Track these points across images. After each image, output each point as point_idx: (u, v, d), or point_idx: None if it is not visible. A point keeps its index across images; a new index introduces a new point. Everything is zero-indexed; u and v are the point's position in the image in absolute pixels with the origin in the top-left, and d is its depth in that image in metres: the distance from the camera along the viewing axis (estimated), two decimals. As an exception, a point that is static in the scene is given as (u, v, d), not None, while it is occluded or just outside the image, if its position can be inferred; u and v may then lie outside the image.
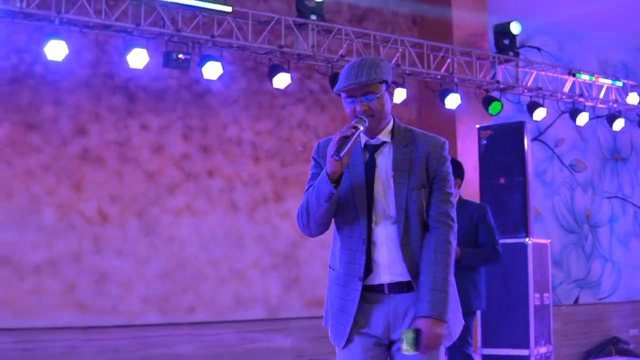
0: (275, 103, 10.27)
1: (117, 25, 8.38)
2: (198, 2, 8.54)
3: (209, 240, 9.74)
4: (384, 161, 3.52)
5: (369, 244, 3.48)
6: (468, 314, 5.66)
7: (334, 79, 9.40)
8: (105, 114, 9.31)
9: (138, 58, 8.35)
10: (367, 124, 3.42)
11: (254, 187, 10.04)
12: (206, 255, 9.70)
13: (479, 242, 5.93)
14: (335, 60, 9.61)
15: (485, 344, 8.65)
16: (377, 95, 3.46)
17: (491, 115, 10.89)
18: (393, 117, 3.60)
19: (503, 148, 8.98)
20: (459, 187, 5.98)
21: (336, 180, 3.38)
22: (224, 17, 8.83)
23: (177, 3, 8.48)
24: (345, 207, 3.50)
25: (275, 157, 10.23)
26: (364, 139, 3.53)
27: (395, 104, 10.26)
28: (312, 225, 3.56)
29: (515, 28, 10.91)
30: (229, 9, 8.67)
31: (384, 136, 3.55)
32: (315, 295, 10.21)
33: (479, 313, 7.66)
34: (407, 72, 10.27)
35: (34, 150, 8.93)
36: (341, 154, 3.30)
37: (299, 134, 10.43)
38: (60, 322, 8.75)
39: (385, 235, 3.48)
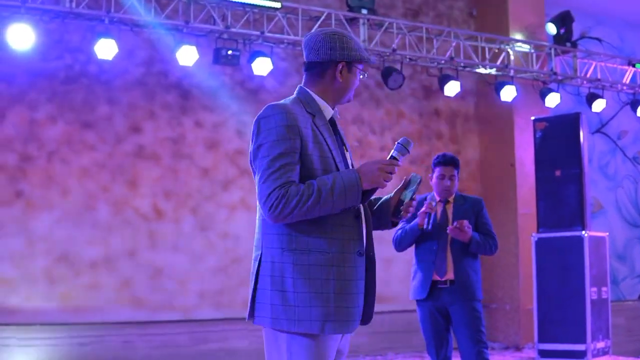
0: (328, 99, 10.25)
1: (168, 23, 8.45)
2: (247, -2, 8.55)
3: (264, 236, 9.75)
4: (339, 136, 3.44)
5: (360, 219, 3.33)
6: (475, 301, 5.70)
7: (386, 74, 9.34)
8: (160, 112, 9.41)
9: (187, 55, 8.40)
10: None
11: (307, 183, 10.02)
12: (261, 251, 9.72)
13: (481, 232, 5.85)
14: (387, 54, 9.54)
15: (541, 339, 8.50)
16: None
17: (548, 107, 10.71)
18: None
19: (559, 140, 8.83)
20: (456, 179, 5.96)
21: None
22: (274, 14, 8.84)
23: (226, 0, 8.51)
24: None
25: (330, 153, 10.20)
26: (330, 112, 3.41)
27: (449, 97, 10.20)
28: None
29: (551, 29, 10.82)
30: (277, 4, 8.67)
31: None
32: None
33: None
34: (462, 65, 10.15)
35: (89, 148, 9.07)
36: None
37: (353, 129, 10.39)
38: (116, 318, 8.87)
39: (364, 210, 3.39)
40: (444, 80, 9.79)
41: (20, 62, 8.73)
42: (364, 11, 9.19)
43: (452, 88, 9.76)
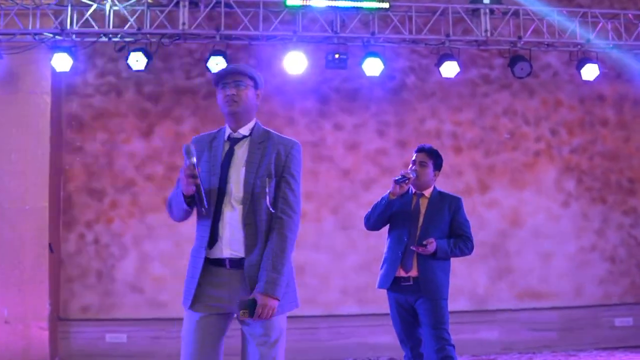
0: (476, 92, 10.07)
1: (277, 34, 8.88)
2: (356, 2, 8.72)
3: (408, 233, 9.83)
4: (240, 152, 4.05)
5: (216, 221, 3.93)
6: (441, 299, 5.63)
7: (513, 62, 9.04)
8: (299, 118, 9.88)
9: (295, 62, 8.77)
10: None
11: (455, 178, 9.93)
12: (405, 248, 9.81)
13: (456, 232, 5.81)
14: (514, 42, 9.20)
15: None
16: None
17: None
18: (255, 119, 4.18)
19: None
20: (436, 178, 5.99)
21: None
22: (385, 13, 8.93)
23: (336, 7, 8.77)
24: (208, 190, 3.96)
25: (479, 147, 10.02)
26: (228, 131, 4.05)
27: (616, 80, 9.58)
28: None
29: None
30: (386, 5, 8.75)
31: (244, 131, 4.10)
32: (530, 287, 9.86)
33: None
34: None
35: (234, 155, 9.74)
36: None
37: (505, 121, 10.10)
38: (260, 313, 9.43)
39: (231, 216, 3.92)
40: (580, 63, 9.23)
41: (165, 82, 9.73)
42: (486, 1, 8.96)
43: (590, 71, 9.18)
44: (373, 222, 5.88)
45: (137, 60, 8.70)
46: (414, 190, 5.83)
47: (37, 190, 9.22)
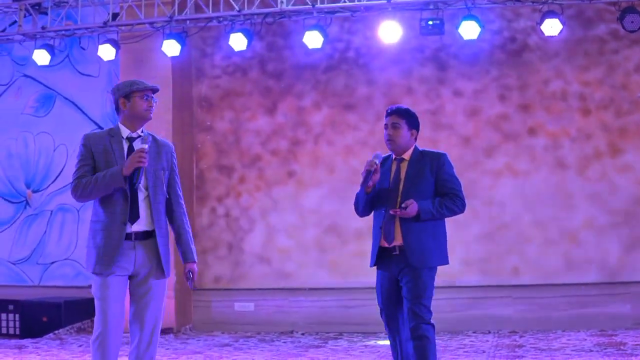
0: (604, 49, 9.47)
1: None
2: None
3: (533, 200, 9.46)
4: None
5: (133, 202, 4.70)
6: (423, 268, 5.05)
7: (622, 16, 8.38)
8: (416, 86, 9.76)
9: (390, 31, 8.68)
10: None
11: (584, 142, 9.42)
12: (530, 217, 9.45)
13: (441, 191, 5.16)
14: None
15: None
16: None
17: None
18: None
19: None
20: (415, 138, 5.30)
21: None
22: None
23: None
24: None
25: (609, 108, 9.42)
26: (126, 132, 4.79)
27: None
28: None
29: None
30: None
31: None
32: (669, 257, 9.20)
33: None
34: None
35: (352, 128, 9.85)
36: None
37: (637, 78, 9.43)
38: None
39: (143, 198, 4.73)
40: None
41: (286, 59, 9.98)
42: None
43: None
44: (361, 212, 5.37)
45: (238, 42, 8.97)
46: (394, 156, 5.29)
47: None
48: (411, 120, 5.28)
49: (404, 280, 5.05)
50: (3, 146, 11.10)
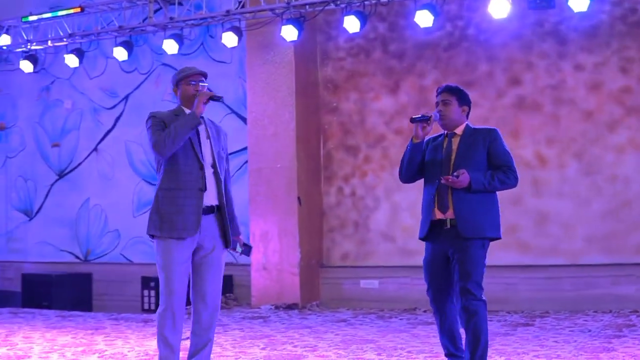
0: None
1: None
2: None
3: (659, 175, 9.16)
4: (205, 128, 5.35)
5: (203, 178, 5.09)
6: (474, 241, 4.99)
7: None
8: (537, 61, 9.62)
9: (499, 7, 8.61)
10: None
11: None
12: (656, 192, 9.17)
13: (494, 164, 5.09)
14: None
15: None
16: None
17: None
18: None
19: None
20: (467, 115, 5.33)
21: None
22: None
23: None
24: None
25: None
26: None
27: None
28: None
29: None
30: None
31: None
32: None
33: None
34: None
35: (472, 105, 9.75)
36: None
37: None
38: (501, 261, 9.38)
39: (211, 173, 5.13)
40: None
41: (407, 39, 10.10)
42: None
43: None
44: (404, 173, 5.36)
45: (352, 24, 9.21)
46: (445, 132, 5.33)
47: (286, 150, 10.17)
48: (462, 96, 5.36)
49: (455, 256, 5.02)
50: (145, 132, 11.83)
